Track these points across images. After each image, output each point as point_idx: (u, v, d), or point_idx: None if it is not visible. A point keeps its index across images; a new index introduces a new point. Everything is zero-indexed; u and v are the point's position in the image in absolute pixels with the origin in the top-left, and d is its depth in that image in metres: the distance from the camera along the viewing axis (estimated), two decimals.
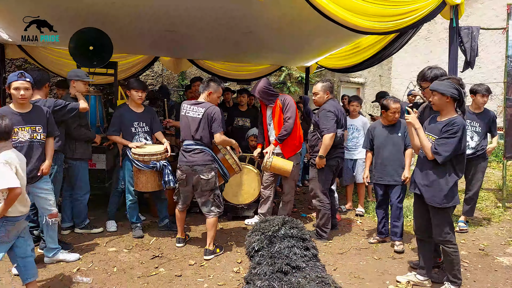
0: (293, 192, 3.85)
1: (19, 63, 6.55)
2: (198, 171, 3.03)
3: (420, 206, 2.60)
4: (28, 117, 2.68)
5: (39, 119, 2.74)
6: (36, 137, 2.71)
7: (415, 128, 2.49)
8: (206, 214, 3.14)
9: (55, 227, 2.89)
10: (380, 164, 3.37)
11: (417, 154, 2.63)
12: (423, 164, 2.51)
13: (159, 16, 3.71)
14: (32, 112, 2.72)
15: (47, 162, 2.78)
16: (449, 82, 2.44)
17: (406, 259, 3.17)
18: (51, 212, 2.81)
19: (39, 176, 2.74)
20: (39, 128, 2.73)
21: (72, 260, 2.95)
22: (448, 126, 2.36)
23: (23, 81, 2.61)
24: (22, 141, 2.65)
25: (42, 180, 2.79)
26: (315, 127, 3.56)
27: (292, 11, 3.53)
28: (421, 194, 2.51)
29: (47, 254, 2.90)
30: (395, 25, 3.52)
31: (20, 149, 2.63)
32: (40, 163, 2.74)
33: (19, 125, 2.63)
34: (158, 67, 7.61)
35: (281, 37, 4.65)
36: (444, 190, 2.40)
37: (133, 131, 3.47)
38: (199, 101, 3.12)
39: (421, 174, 2.51)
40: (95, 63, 4.10)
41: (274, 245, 2.69)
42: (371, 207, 4.58)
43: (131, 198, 3.50)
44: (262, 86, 3.65)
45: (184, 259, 3.09)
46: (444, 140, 2.35)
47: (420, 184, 2.51)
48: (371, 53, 4.93)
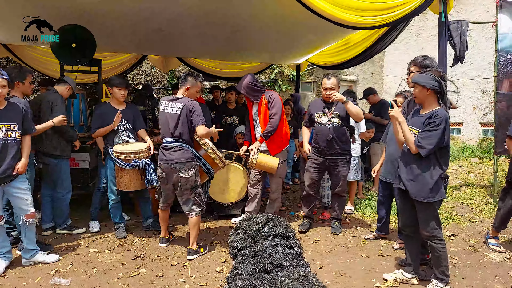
0: (280, 190, 3.79)
1: (4, 63, 6.45)
2: (177, 169, 2.96)
3: (405, 201, 2.54)
4: (2, 114, 2.60)
5: (14, 116, 2.65)
6: (11, 135, 2.62)
7: (399, 121, 2.43)
8: (187, 213, 3.07)
9: (33, 228, 2.80)
10: (386, 160, 3.28)
11: (401, 148, 2.57)
12: (407, 158, 2.45)
13: (147, 14, 3.64)
14: (6, 109, 2.63)
15: (23, 161, 2.69)
16: (429, 74, 2.39)
17: (394, 256, 3.12)
18: (28, 212, 2.72)
19: (15, 176, 2.65)
20: (14, 126, 2.64)
21: (51, 262, 2.86)
22: (431, 118, 2.31)
23: (1, 78, 2.56)
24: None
25: (18, 180, 2.70)
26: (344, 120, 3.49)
27: (279, 8, 3.48)
28: (406, 189, 2.45)
29: (24, 256, 2.82)
30: (384, 19, 3.48)
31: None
32: (15, 162, 2.65)
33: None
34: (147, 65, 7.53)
35: (270, 35, 4.60)
36: (429, 184, 2.34)
37: (116, 129, 3.39)
38: (177, 97, 3.04)
39: (405, 169, 2.45)
40: (78, 61, 4.02)
41: (257, 243, 2.63)
42: (361, 204, 4.53)
43: (113, 197, 3.42)
44: (247, 81, 3.58)
45: (167, 259, 3.01)
46: (427, 133, 2.30)
47: (404, 178, 2.45)
48: (361, 49, 4.90)
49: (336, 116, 3.48)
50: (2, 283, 2.57)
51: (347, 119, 3.54)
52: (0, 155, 2.58)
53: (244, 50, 5.61)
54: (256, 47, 5.42)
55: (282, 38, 4.77)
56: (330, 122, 3.48)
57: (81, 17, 3.66)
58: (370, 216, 4.19)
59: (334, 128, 3.45)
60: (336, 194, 3.64)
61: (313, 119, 3.58)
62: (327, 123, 3.48)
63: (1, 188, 2.65)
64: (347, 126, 3.54)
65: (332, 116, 3.48)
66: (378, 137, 5.00)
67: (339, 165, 3.52)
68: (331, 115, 3.49)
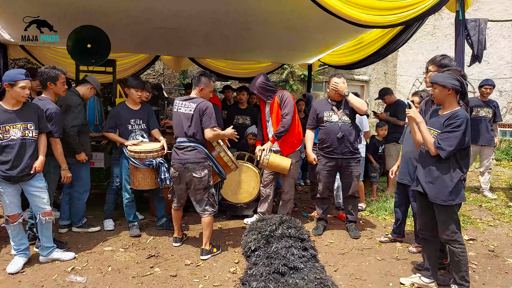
0: (293, 191, 3.75)
1: (21, 63, 6.60)
2: (190, 169, 2.96)
3: (424, 204, 2.47)
4: (19, 114, 2.63)
5: (31, 115, 2.69)
6: (28, 134, 2.66)
7: (417, 122, 2.37)
8: (200, 213, 3.07)
9: (49, 226, 2.84)
10: (401, 161, 3.22)
11: (419, 150, 2.50)
12: (425, 160, 2.38)
13: (159, 15, 3.66)
14: (23, 109, 2.67)
15: (40, 159, 2.73)
16: (449, 73, 2.32)
17: (410, 260, 3.05)
18: (44, 210, 2.77)
19: (32, 174, 2.70)
20: (31, 125, 2.68)
21: (67, 259, 2.90)
22: (451, 119, 2.25)
23: (29, 80, 2.62)
24: (14, 139, 2.60)
25: (36, 178, 2.74)
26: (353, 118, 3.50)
27: (293, 6, 3.45)
28: (424, 191, 2.39)
29: (42, 253, 2.86)
30: (399, 18, 3.41)
31: (12, 147, 2.59)
32: (33, 161, 2.69)
33: (11, 122, 2.59)
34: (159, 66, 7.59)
35: (282, 34, 4.56)
36: (449, 186, 2.28)
37: (130, 128, 3.42)
38: (191, 97, 3.04)
39: (424, 171, 2.39)
40: (93, 61, 4.07)
41: (271, 245, 2.60)
42: (375, 206, 4.45)
43: (127, 196, 3.45)
44: (259, 81, 3.57)
45: (181, 258, 3.01)
46: (447, 134, 2.23)
47: (422, 181, 2.38)
48: (374, 48, 4.82)
49: (346, 114, 3.47)
50: (21, 279, 2.62)
51: (354, 118, 3.53)
52: (18, 154, 2.61)
53: (256, 50, 5.59)
54: (268, 47, 5.40)
55: (294, 37, 4.74)
56: (341, 120, 3.45)
57: (95, 17, 3.71)
58: (385, 219, 4.11)
59: (345, 126, 3.43)
60: (349, 196, 3.58)
61: (320, 119, 3.55)
62: (338, 121, 3.46)
63: (19, 186, 2.70)
64: (354, 125, 3.52)
65: (342, 114, 3.46)
66: (394, 138, 4.92)
67: (352, 165, 3.48)
68: (342, 113, 3.46)
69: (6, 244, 3.15)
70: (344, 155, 3.45)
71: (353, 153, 3.48)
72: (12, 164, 2.58)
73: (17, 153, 2.59)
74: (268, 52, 5.83)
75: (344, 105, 3.49)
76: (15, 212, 2.68)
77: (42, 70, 2.95)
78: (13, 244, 2.79)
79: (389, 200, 4.58)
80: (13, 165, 2.58)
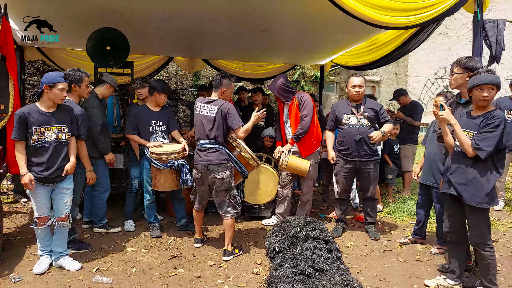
0: (311, 192, 3.75)
1: (37, 65, 6.68)
2: (212, 171, 2.97)
3: (455, 206, 2.45)
4: (55, 116, 2.66)
5: (65, 118, 2.72)
6: (62, 137, 2.69)
7: (451, 124, 2.33)
8: (222, 215, 3.08)
9: (63, 231, 2.80)
10: (424, 162, 3.19)
11: (451, 152, 2.48)
12: (459, 161, 2.35)
13: (175, 15, 3.69)
14: (59, 112, 2.70)
15: (72, 161, 2.75)
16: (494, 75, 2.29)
17: (433, 262, 3.03)
18: (62, 215, 2.75)
19: (64, 176, 2.72)
20: (64, 128, 2.71)
21: (73, 270, 2.77)
22: (488, 119, 2.23)
23: (66, 82, 2.68)
24: (48, 141, 2.62)
25: (66, 180, 2.76)
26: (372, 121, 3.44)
27: (311, 7, 3.45)
28: (458, 194, 2.35)
29: (52, 257, 2.83)
30: (417, 19, 3.40)
31: (46, 149, 2.62)
32: (65, 163, 2.72)
33: (46, 125, 2.61)
34: (173, 67, 7.64)
35: (298, 35, 4.57)
36: (485, 189, 2.25)
37: (151, 130, 3.45)
38: (213, 99, 3.05)
39: (458, 173, 2.36)
40: (112, 63, 4.11)
41: (296, 246, 2.64)
42: (392, 207, 4.43)
43: (149, 197, 3.48)
44: (279, 82, 3.57)
45: (203, 259, 3.03)
46: (485, 135, 2.21)
47: (456, 183, 2.36)
48: (388, 49, 4.81)
49: (365, 117, 3.43)
50: (47, 280, 2.65)
51: (375, 121, 3.48)
52: (52, 156, 2.63)
53: (270, 51, 5.60)
54: (282, 47, 5.41)
55: (310, 38, 4.74)
56: (359, 123, 3.42)
57: (112, 20, 3.74)
58: (403, 220, 4.09)
59: (363, 129, 3.40)
60: (368, 198, 3.57)
61: (339, 121, 3.53)
62: (356, 124, 3.43)
63: (50, 188, 2.71)
64: (374, 127, 3.48)
65: (361, 117, 3.43)
66: (410, 139, 4.90)
67: (370, 167, 3.45)
68: (360, 116, 3.43)
69: (30, 244, 3.19)
70: (362, 158, 3.43)
71: (372, 155, 3.45)
72: (46, 166, 2.61)
73: (51, 155, 2.61)
74: (283, 53, 5.84)
75: (364, 107, 3.46)
76: (45, 215, 2.69)
77: (67, 73, 2.98)
78: (40, 246, 2.81)
79: (406, 202, 4.55)
80: (47, 167, 2.61)
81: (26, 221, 3.88)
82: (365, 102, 3.48)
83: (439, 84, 9.74)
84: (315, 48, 5.44)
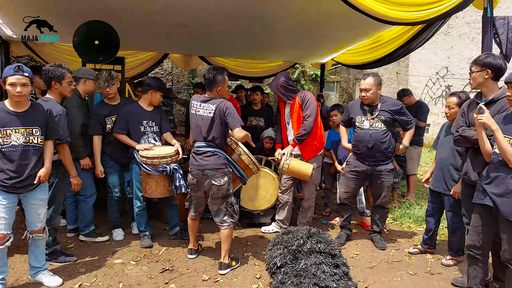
0: (313, 198, 3.51)
1: (24, 61, 6.39)
2: (209, 176, 2.73)
3: (487, 219, 2.20)
4: (24, 117, 2.31)
5: (37, 119, 2.37)
6: (33, 140, 2.33)
7: (492, 130, 2.06)
8: (219, 224, 2.83)
9: (39, 244, 2.50)
10: (435, 167, 2.97)
11: (488, 160, 2.22)
12: (497, 171, 2.11)
13: (171, 10, 3.43)
14: (29, 112, 2.35)
15: (46, 168, 2.41)
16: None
17: (445, 275, 2.81)
18: (36, 227, 2.43)
19: (36, 184, 2.38)
20: (36, 131, 2.36)
21: (53, 286, 2.50)
22: None
23: (21, 75, 2.24)
24: (15, 145, 2.28)
25: (39, 189, 2.42)
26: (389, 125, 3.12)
27: (315, 2, 3.22)
28: (494, 206, 2.11)
29: (29, 272, 2.53)
30: (426, 15, 3.19)
31: (13, 154, 2.27)
32: (37, 170, 2.36)
33: (13, 126, 2.27)
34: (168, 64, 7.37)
35: (299, 31, 4.34)
36: None
37: (142, 130, 3.18)
38: (209, 97, 2.78)
39: (495, 182, 2.11)
40: (101, 59, 3.85)
41: (299, 261, 2.37)
42: (398, 213, 4.21)
43: (139, 204, 3.22)
44: (281, 81, 3.33)
45: (197, 273, 2.78)
46: None
47: (493, 194, 2.11)
48: (392, 47, 4.61)
49: (381, 120, 3.11)
50: None
51: (392, 123, 3.20)
52: (20, 163, 2.29)
53: (270, 48, 5.37)
54: (283, 45, 5.18)
55: (310, 34, 4.52)
56: (372, 127, 3.12)
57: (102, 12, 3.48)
58: (410, 227, 3.88)
59: (376, 134, 3.10)
60: (378, 206, 3.32)
61: (353, 123, 3.27)
62: (369, 128, 3.13)
63: (16, 197, 2.33)
64: (391, 132, 3.18)
65: (375, 121, 3.11)
66: (415, 141, 4.68)
67: (383, 174, 3.18)
68: (374, 120, 3.13)
69: None
70: (376, 164, 3.14)
71: (386, 162, 3.16)
72: (12, 173, 2.27)
73: (19, 161, 2.28)
74: (283, 51, 5.60)
75: (379, 109, 3.12)
76: (3, 232, 2.27)
77: (46, 68, 2.69)
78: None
79: (412, 207, 4.34)
80: (13, 175, 2.27)
81: None
82: (383, 102, 3.14)
83: (441, 84, 9.55)
84: (316, 45, 5.22)
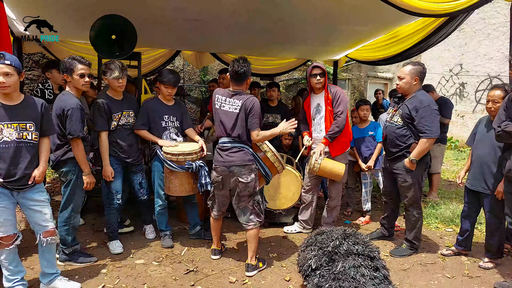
0: (340, 197, 3.39)
1: (36, 58, 6.30)
2: (236, 173, 2.61)
3: None
4: (17, 111, 2.13)
5: (30, 113, 2.18)
6: (26, 136, 2.16)
7: None
8: (244, 224, 2.70)
9: (52, 248, 2.33)
10: (473, 165, 2.83)
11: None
12: None
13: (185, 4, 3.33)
14: (23, 106, 2.17)
15: (42, 168, 2.24)
16: None
17: (486, 278, 2.67)
18: (47, 228, 2.25)
19: (30, 185, 2.20)
20: (31, 126, 2.18)
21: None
22: None
23: (1, 64, 2.04)
24: (7, 141, 2.10)
25: (35, 190, 2.23)
26: (406, 121, 2.86)
27: None
28: None
29: (42, 280, 2.35)
30: (454, 6, 3.03)
31: (6, 151, 2.10)
32: (32, 169, 2.20)
33: (4, 121, 2.09)
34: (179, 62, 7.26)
35: (314, 26, 4.21)
36: None
37: (163, 125, 3.06)
38: (235, 91, 2.65)
39: None
40: (118, 54, 3.74)
41: (336, 263, 2.23)
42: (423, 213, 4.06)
43: (160, 203, 3.10)
44: (321, 65, 3.22)
45: (223, 274, 2.66)
46: None
47: None
48: (410, 43, 4.46)
49: (399, 115, 2.90)
50: None
51: (411, 122, 2.84)
52: (13, 160, 2.12)
53: (283, 43, 5.24)
54: (297, 40, 5.04)
55: (327, 29, 4.38)
56: (391, 120, 2.97)
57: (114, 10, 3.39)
58: (438, 227, 3.73)
59: (391, 128, 2.94)
60: (406, 209, 3.08)
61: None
62: (387, 121, 3.02)
63: (14, 198, 2.18)
64: (410, 128, 2.86)
65: (395, 114, 2.95)
66: (439, 138, 4.52)
67: (398, 173, 2.93)
68: (395, 112, 2.97)
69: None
70: (392, 161, 2.98)
71: (400, 159, 2.91)
72: (4, 172, 2.10)
73: (11, 159, 2.11)
74: (296, 47, 5.47)
75: (405, 102, 2.89)
76: (10, 233, 2.15)
77: (61, 61, 2.59)
78: (7, 274, 2.21)
79: (437, 207, 4.20)
80: (6, 174, 2.10)
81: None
82: (412, 97, 2.88)
83: (454, 82, 9.37)
84: (331, 41, 5.08)
